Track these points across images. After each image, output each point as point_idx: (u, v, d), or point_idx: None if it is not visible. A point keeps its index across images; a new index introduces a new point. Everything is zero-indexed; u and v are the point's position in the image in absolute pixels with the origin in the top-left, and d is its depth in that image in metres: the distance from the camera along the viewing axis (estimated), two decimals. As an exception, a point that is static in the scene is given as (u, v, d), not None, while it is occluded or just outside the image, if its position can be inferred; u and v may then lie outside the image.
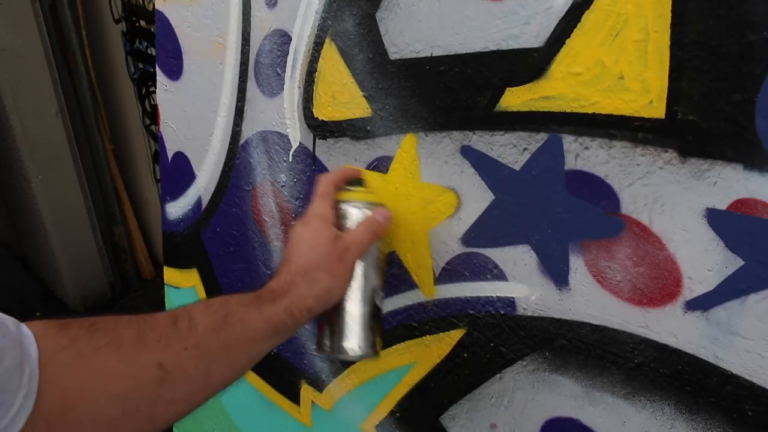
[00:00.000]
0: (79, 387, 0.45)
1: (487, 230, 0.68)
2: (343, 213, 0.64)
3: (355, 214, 0.64)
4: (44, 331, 0.45)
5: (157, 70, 1.10)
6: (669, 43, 0.50)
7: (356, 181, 0.69)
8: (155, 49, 1.08)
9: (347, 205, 0.65)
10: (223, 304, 0.55)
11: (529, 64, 0.59)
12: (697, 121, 0.50)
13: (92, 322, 0.48)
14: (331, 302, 0.61)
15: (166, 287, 1.29)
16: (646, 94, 0.52)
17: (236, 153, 0.99)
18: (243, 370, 0.55)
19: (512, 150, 0.63)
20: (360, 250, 0.62)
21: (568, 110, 0.58)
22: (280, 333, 0.56)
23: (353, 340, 0.62)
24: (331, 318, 0.63)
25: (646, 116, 0.53)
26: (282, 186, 0.92)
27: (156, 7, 1.05)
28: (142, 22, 2.57)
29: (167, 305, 1.31)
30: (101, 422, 0.45)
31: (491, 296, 0.70)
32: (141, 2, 2.52)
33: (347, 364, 0.92)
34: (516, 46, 0.59)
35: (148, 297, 3.04)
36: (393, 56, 0.71)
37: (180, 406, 0.50)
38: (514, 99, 0.61)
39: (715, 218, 0.51)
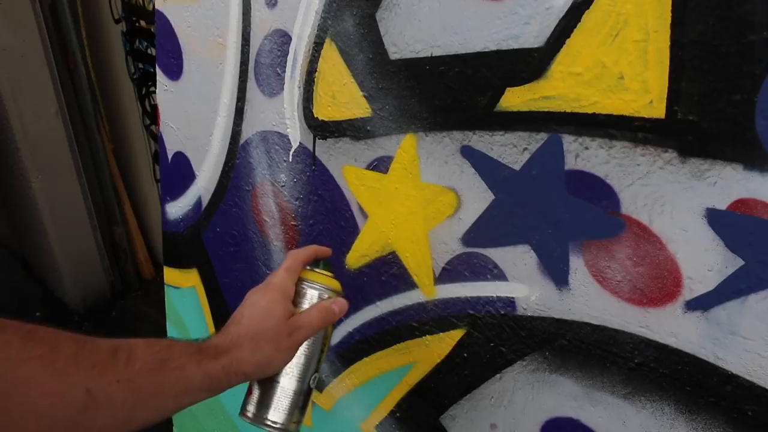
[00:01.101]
0: (2, 393, 0.43)
1: (487, 230, 0.68)
2: (302, 291, 0.66)
3: (312, 296, 0.66)
4: None
5: (157, 70, 1.10)
6: (669, 43, 0.50)
7: (325, 262, 0.70)
8: (155, 49, 1.08)
9: (309, 285, 0.66)
10: (167, 348, 0.55)
11: (529, 64, 0.59)
12: (697, 121, 0.50)
13: (30, 330, 0.47)
14: (267, 374, 0.62)
15: (166, 287, 1.29)
16: (646, 94, 0.52)
17: (236, 153, 0.99)
18: (167, 414, 0.55)
19: (512, 150, 0.63)
20: (309, 332, 0.63)
21: (568, 110, 0.58)
22: (212, 389, 0.57)
23: (279, 414, 0.63)
24: (263, 387, 0.64)
25: (646, 116, 0.53)
26: (282, 186, 0.92)
27: (156, 7, 1.05)
28: (142, 22, 2.57)
29: (167, 305, 1.31)
30: None
31: (491, 296, 0.70)
32: (141, 2, 2.52)
33: (347, 364, 0.92)
34: (516, 46, 0.59)
35: (148, 297, 3.04)
36: (393, 56, 0.71)
37: None
38: (514, 99, 0.61)
39: (715, 218, 0.51)
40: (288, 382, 0.63)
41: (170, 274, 1.26)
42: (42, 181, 2.65)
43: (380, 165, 0.77)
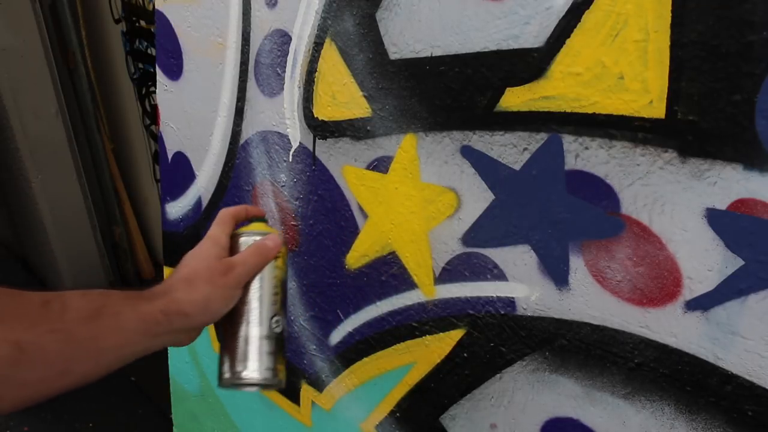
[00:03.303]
0: None
1: (487, 230, 0.68)
2: (237, 244, 0.66)
3: (246, 243, 0.66)
4: None
5: (157, 70, 1.10)
6: (669, 43, 0.50)
7: (258, 219, 0.71)
8: (155, 49, 1.08)
9: (241, 236, 0.67)
10: (101, 295, 0.54)
11: (529, 64, 0.59)
12: (697, 121, 0.50)
13: None
14: (209, 313, 0.61)
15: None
16: (646, 94, 0.52)
17: (236, 153, 0.99)
18: (108, 367, 0.53)
19: (512, 150, 0.63)
20: (245, 269, 0.63)
21: (568, 110, 0.58)
22: (151, 334, 0.55)
23: (250, 364, 0.62)
24: (228, 346, 0.64)
25: (646, 116, 0.53)
26: (282, 186, 0.92)
27: (156, 7, 1.05)
28: (142, 22, 2.57)
29: (167, 305, 1.30)
30: None
31: (491, 296, 0.70)
32: (141, 2, 2.52)
33: (347, 364, 0.92)
34: (516, 46, 0.59)
35: (148, 297, 3.04)
36: (393, 56, 0.71)
37: (31, 390, 0.48)
38: (514, 99, 0.61)
39: (715, 218, 0.51)
40: (247, 329, 0.63)
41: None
42: (42, 181, 2.65)
43: (380, 165, 0.77)
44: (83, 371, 0.51)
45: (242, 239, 0.66)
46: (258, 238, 0.66)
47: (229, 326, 0.64)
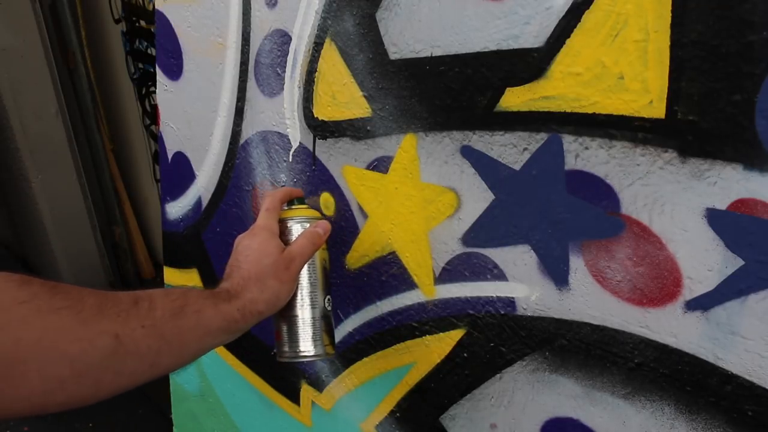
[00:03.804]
0: (33, 340, 0.45)
1: (487, 230, 0.68)
2: (286, 228, 0.72)
3: (297, 229, 0.72)
4: (4, 284, 0.46)
5: (157, 70, 1.10)
6: (669, 43, 0.50)
7: (299, 199, 0.76)
8: (155, 49, 1.08)
9: (290, 221, 0.72)
10: (183, 294, 0.58)
11: (529, 64, 0.59)
12: (697, 121, 0.50)
13: (54, 285, 0.49)
14: (278, 306, 0.67)
15: (166, 287, 1.29)
16: (646, 94, 0.52)
17: (236, 153, 0.99)
18: (190, 359, 0.58)
19: (512, 150, 0.63)
20: (303, 259, 0.68)
21: (568, 110, 0.58)
22: (230, 331, 0.61)
23: (309, 344, 0.70)
24: (287, 325, 0.70)
25: (646, 116, 0.53)
26: (282, 186, 0.92)
27: (156, 7, 1.05)
28: (142, 22, 2.57)
29: (167, 305, 1.30)
30: (48, 378, 0.46)
31: (491, 296, 0.70)
32: (141, 2, 2.52)
33: (347, 363, 0.92)
34: (516, 46, 0.59)
35: (148, 297, 3.03)
36: (393, 56, 0.71)
37: (124, 380, 0.52)
38: (514, 99, 0.61)
39: (715, 218, 0.51)
40: (305, 312, 0.70)
41: (170, 274, 1.26)
42: (42, 181, 2.65)
43: (380, 165, 0.77)
44: (168, 363, 0.56)
45: (291, 225, 0.71)
46: (307, 224, 0.72)
47: (287, 308, 0.69)
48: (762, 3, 0.45)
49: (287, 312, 0.69)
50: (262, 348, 1.07)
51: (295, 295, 0.69)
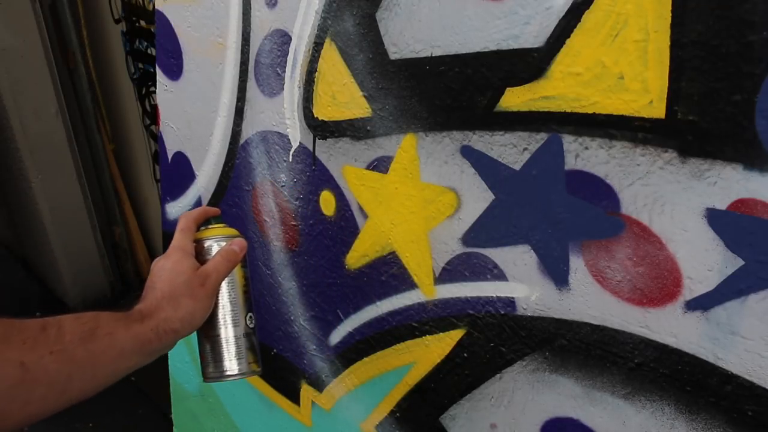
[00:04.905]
0: None
1: (487, 230, 0.68)
2: (203, 249, 0.70)
3: (214, 248, 0.70)
4: None
5: (157, 70, 1.10)
6: (669, 43, 0.50)
7: (215, 218, 0.75)
8: (155, 49, 1.08)
9: (206, 240, 0.70)
10: (93, 317, 0.57)
11: (529, 64, 0.59)
12: (697, 121, 0.50)
13: None
14: (195, 325, 0.65)
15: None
16: (646, 94, 0.52)
17: (236, 153, 0.99)
18: (105, 382, 0.57)
19: (512, 150, 0.63)
20: (219, 276, 0.67)
21: (568, 110, 0.58)
22: (145, 352, 0.60)
23: (233, 362, 0.69)
24: (209, 345, 0.69)
25: (646, 116, 0.53)
26: (282, 186, 0.92)
27: (156, 7, 1.05)
28: (142, 22, 2.56)
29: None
30: None
31: (491, 296, 0.70)
32: (141, 2, 2.52)
33: (347, 364, 0.92)
34: (516, 46, 0.59)
35: (148, 297, 3.03)
36: (393, 56, 0.71)
37: (34, 408, 0.50)
38: (514, 99, 0.61)
39: (715, 218, 0.51)
40: (227, 331, 0.69)
41: (170, 274, 1.26)
42: (42, 181, 2.65)
43: (380, 165, 0.77)
44: (81, 388, 0.54)
45: (207, 244, 0.70)
46: (223, 243, 0.70)
47: (208, 328, 0.68)
48: (762, 3, 0.45)
49: (209, 332, 0.68)
50: (262, 348, 1.07)
51: (216, 315, 0.68)
